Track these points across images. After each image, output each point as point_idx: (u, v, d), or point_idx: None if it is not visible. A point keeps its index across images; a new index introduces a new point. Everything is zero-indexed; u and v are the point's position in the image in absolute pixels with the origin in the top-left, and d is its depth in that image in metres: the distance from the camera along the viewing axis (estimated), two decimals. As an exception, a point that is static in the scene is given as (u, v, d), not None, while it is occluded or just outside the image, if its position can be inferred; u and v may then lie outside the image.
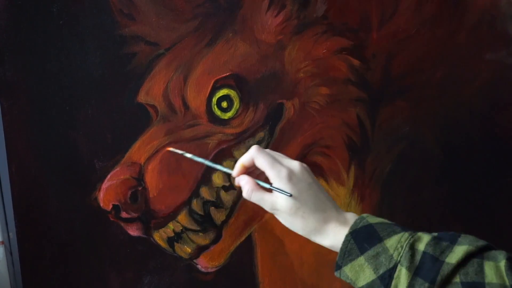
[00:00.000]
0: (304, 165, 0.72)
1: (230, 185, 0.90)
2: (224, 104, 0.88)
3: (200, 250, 0.91)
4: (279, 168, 0.70)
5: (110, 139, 0.84)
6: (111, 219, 0.86)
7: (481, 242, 0.66)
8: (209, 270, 0.92)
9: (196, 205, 0.89)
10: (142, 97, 0.84)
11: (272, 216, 0.95)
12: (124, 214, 0.86)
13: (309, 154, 0.93)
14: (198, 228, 0.90)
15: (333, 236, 0.69)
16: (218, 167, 0.77)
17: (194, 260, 0.91)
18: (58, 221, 0.84)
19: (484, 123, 1.01)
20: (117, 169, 0.85)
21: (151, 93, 0.85)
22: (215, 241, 0.91)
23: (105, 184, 0.85)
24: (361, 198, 0.96)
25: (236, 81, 0.88)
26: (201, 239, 0.90)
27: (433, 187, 1.00)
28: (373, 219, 0.69)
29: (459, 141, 1.00)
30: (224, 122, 0.88)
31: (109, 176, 0.85)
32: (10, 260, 0.87)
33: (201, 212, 0.89)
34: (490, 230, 1.03)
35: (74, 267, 0.86)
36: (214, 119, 0.87)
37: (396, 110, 0.96)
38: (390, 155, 0.97)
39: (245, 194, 0.73)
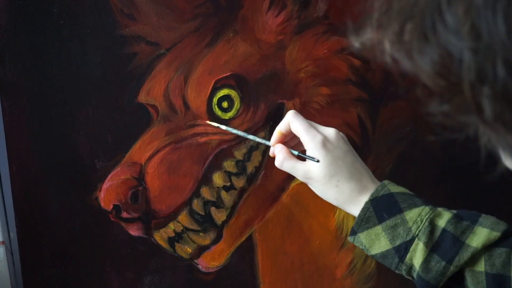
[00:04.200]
0: (341, 133, 0.69)
1: (231, 185, 0.90)
2: (225, 104, 0.87)
3: (200, 250, 0.91)
4: (314, 133, 0.68)
5: (111, 139, 0.84)
6: (112, 219, 0.86)
7: (503, 226, 0.63)
8: (210, 270, 0.92)
9: (196, 205, 0.89)
10: (142, 97, 0.84)
11: (272, 216, 0.95)
12: (124, 214, 0.86)
13: (310, 154, 0.92)
14: (199, 228, 0.90)
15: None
16: (256, 138, 0.76)
17: (195, 260, 0.91)
18: (59, 221, 0.84)
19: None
20: (118, 169, 0.85)
21: (152, 93, 0.85)
22: (215, 241, 0.91)
23: (106, 184, 0.85)
24: (362, 198, 0.96)
25: (237, 81, 0.88)
26: (202, 239, 0.90)
27: (433, 187, 1.00)
28: (394, 188, 0.67)
29: (460, 141, 1.00)
30: (224, 122, 0.88)
31: (109, 176, 0.84)
32: (10, 260, 0.87)
33: (201, 212, 0.89)
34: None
35: (74, 267, 0.86)
36: (214, 119, 0.87)
37: (396, 110, 0.96)
38: (391, 155, 0.97)
39: (277, 163, 0.70)
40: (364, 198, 0.67)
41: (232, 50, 0.87)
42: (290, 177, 0.92)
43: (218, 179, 0.89)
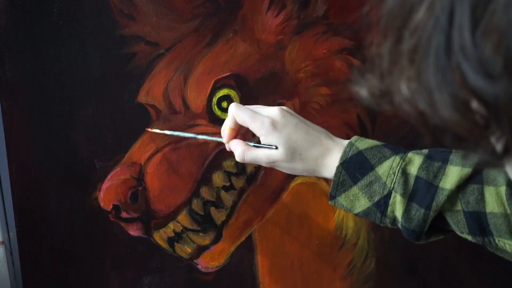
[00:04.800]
0: (284, 107, 0.70)
1: (231, 185, 0.90)
2: (225, 104, 0.88)
3: (200, 250, 0.91)
4: (261, 119, 0.68)
5: (110, 139, 0.84)
6: (112, 219, 0.86)
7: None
8: (209, 270, 0.92)
9: (196, 205, 0.89)
10: (142, 97, 0.84)
11: (272, 216, 0.95)
12: (124, 214, 0.86)
13: (309, 154, 0.92)
14: (198, 228, 0.90)
15: (333, 167, 0.68)
16: (205, 137, 0.77)
17: (194, 260, 0.91)
18: (58, 221, 0.84)
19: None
20: (117, 169, 0.85)
21: (151, 93, 0.85)
22: (215, 241, 0.91)
23: (106, 184, 0.85)
24: (361, 198, 0.96)
25: (236, 81, 0.88)
26: (201, 239, 0.90)
27: (433, 187, 1.00)
28: (362, 144, 0.67)
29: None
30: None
31: (109, 176, 0.85)
32: (10, 260, 0.87)
33: (201, 212, 0.89)
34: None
35: (74, 267, 0.86)
36: (214, 119, 0.87)
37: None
38: (390, 155, 0.97)
39: (237, 157, 0.71)
40: (332, 159, 0.67)
41: (231, 50, 0.87)
42: (289, 177, 0.92)
43: (217, 179, 0.89)
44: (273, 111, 0.69)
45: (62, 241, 0.85)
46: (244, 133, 0.73)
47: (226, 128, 0.72)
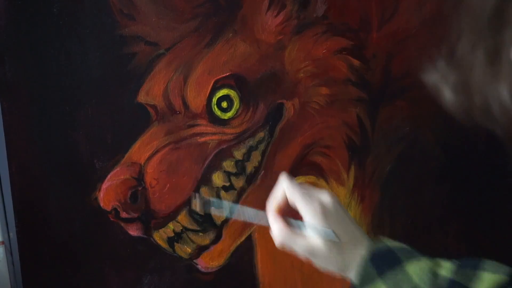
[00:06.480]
0: (334, 195, 0.65)
1: (230, 185, 0.90)
2: (224, 104, 0.88)
3: (200, 250, 0.91)
4: (313, 205, 0.63)
5: (110, 139, 0.84)
6: (111, 219, 0.86)
7: (506, 268, 0.61)
8: (209, 270, 0.92)
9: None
10: (142, 97, 0.85)
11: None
12: (124, 214, 0.86)
13: (309, 154, 0.93)
14: (198, 228, 0.90)
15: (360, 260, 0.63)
16: (248, 211, 0.72)
17: (194, 260, 0.91)
18: (58, 221, 0.84)
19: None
20: (117, 169, 0.85)
21: (151, 93, 0.85)
22: (215, 241, 0.91)
23: (105, 184, 0.85)
24: (361, 198, 0.96)
25: (236, 81, 0.88)
26: (201, 239, 0.90)
27: (433, 187, 1.00)
28: (391, 243, 0.64)
29: (459, 141, 1.00)
30: (224, 122, 0.88)
31: (109, 176, 0.85)
32: (10, 260, 0.87)
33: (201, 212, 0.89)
34: (490, 230, 1.03)
35: (74, 267, 0.86)
36: (214, 119, 0.87)
37: (396, 110, 0.96)
38: (390, 155, 0.97)
39: (277, 243, 0.66)
40: (361, 255, 0.64)
41: (231, 50, 0.87)
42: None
43: (217, 179, 0.89)
44: (326, 199, 0.64)
45: (62, 241, 0.85)
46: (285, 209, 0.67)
47: (275, 205, 0.66)
